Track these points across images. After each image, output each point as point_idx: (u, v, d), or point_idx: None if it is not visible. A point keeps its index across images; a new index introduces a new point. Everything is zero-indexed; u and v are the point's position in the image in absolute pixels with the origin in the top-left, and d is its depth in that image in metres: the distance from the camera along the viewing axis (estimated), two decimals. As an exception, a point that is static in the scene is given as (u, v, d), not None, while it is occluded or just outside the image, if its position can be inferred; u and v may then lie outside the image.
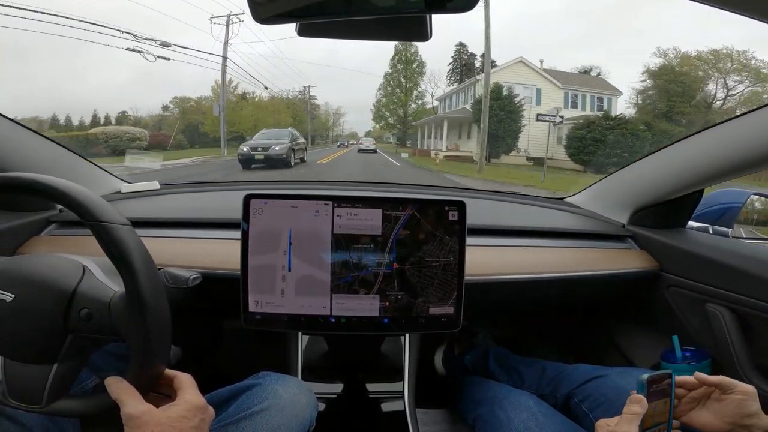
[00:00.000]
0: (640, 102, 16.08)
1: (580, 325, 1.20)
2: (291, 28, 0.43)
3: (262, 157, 9.54)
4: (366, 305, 0.75)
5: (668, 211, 0.96)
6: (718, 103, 14.71)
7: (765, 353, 0.78)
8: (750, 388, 0.53)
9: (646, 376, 0.52)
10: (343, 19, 0.42)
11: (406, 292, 0.75)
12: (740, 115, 0.73)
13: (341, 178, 5.65)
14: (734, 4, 0.44)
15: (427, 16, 0.44)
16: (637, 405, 0.50)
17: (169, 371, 0.52)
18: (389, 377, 0.85)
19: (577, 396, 0.79)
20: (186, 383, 0.51)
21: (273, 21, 0.41)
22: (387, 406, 0.81)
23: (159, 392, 0.52)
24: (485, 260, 0.87)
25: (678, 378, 0.55)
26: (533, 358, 0.98)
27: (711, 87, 14.71)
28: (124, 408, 0.46)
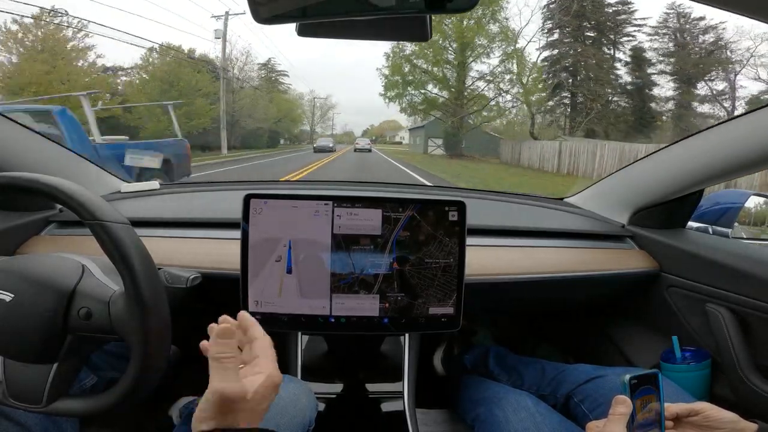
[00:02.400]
0: None
1: (580, 326, 1.20)
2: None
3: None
4: (366, 305, 0.75)
5: (668, 211, 0.96)
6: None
7: (765, 353, 0.78)
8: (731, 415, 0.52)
9: (628, 376, 0.52)
10: (343, 19, 0.42)
11: (406, 293, 0.75)
12: (740, 116, 0.73)
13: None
14: (734, 4, 0.44)
15: (427, 16, 0.44)
16: (621, 405, 0.50)
17: (246, 318, 0.46)
18: (389, 377, 0.85)
19: (577, 396, 0.79)
20: (269, 354, 0.45)
21: (273, 21, 0.41)
22: (387, 406, 0.81)
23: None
24: (485, 260, 0.87)
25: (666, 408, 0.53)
26: (533, 358, 0.98)
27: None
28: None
